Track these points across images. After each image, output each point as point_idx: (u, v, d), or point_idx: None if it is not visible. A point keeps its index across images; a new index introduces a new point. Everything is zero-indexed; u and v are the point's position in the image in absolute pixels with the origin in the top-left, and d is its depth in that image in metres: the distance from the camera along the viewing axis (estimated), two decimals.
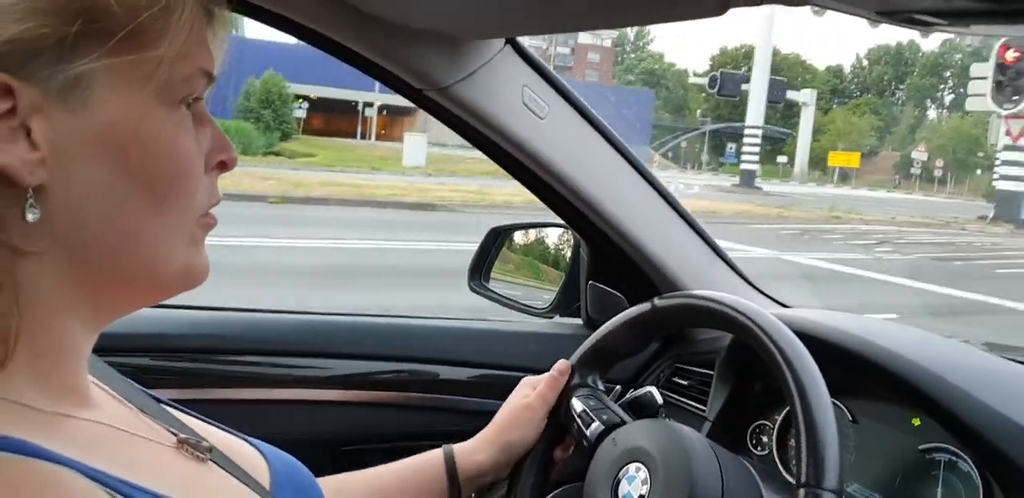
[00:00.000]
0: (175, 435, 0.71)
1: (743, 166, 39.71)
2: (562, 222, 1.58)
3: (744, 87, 39.13)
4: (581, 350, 1.16)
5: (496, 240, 1.84)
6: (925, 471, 1.08)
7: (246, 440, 0.84)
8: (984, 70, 23.92)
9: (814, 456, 0.85)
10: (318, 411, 1.53)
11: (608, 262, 1.57)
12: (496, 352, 1.63)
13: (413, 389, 1.58)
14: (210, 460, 0.72)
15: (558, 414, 1.12)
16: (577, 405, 1.10)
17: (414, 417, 1.58)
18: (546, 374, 1.16)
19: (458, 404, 1.59)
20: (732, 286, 1.58)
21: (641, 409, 1.12)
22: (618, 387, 1.36)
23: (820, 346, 1.03)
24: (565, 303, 1.70)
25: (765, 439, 1.28)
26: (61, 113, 0.57)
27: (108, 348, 0.70)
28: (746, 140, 39.32)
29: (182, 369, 1.46)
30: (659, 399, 1.14)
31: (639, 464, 0.96)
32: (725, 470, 0.94)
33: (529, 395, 1.14)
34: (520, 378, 1.19)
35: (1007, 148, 25.75)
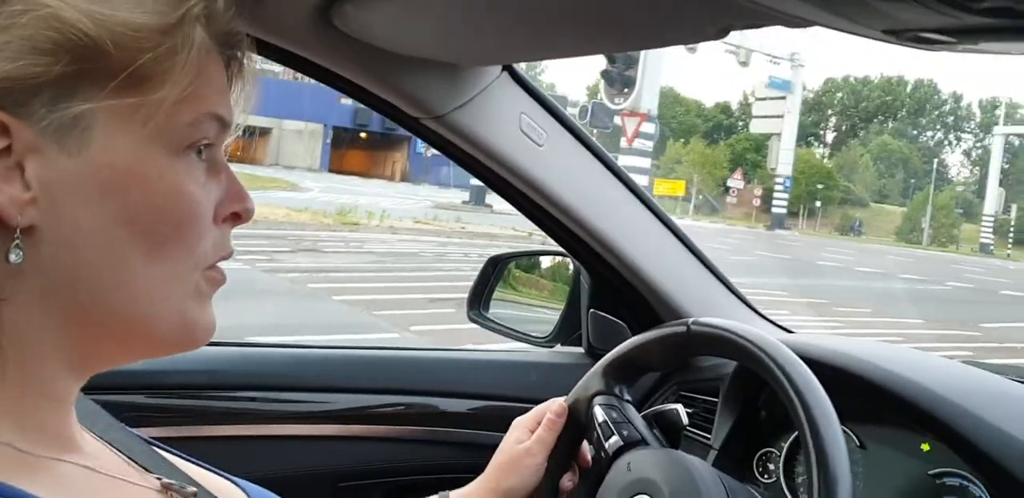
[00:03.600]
0: (159, 479, 0.69)
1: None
2: (562, 250, 1.57)
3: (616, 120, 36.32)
4: (611, 356, 1.13)
5: (495, 269, 1.83)
6: (935, 496, 1.07)
7: (233, 481, 0.82)
8: None
9: (825, 485, 0.84)
10: (316, 447, 1.51)
11: (609, 290, 1.56)
12: (496, 383, 1.61)
13: (412, 422, 1.56)
14: None
15: (560, 452, 1.10)
16: (599, 414, 1.07)
17: (414, 451, 1.56)
18: (536, 413, 1.13)
19: (459, 437, 1.56)
20: (735, 312, 1.57)
21: (663, 426, 1.10)
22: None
23: (827, 371, 1.02)
24: (566, 332, 1.68)
25: (772, 467, 1.26)
26: (57, 154, 0.55)
27: (99, 386, 0.67)
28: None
29: (176, 406, 1.43)
30: (684, 419, 1.11)
31: (647, 496, 0.95)
32: None
33: (523, 439, 1.10)
34: (522, 409, 1.16)
35: (624, 152, 21.42)
